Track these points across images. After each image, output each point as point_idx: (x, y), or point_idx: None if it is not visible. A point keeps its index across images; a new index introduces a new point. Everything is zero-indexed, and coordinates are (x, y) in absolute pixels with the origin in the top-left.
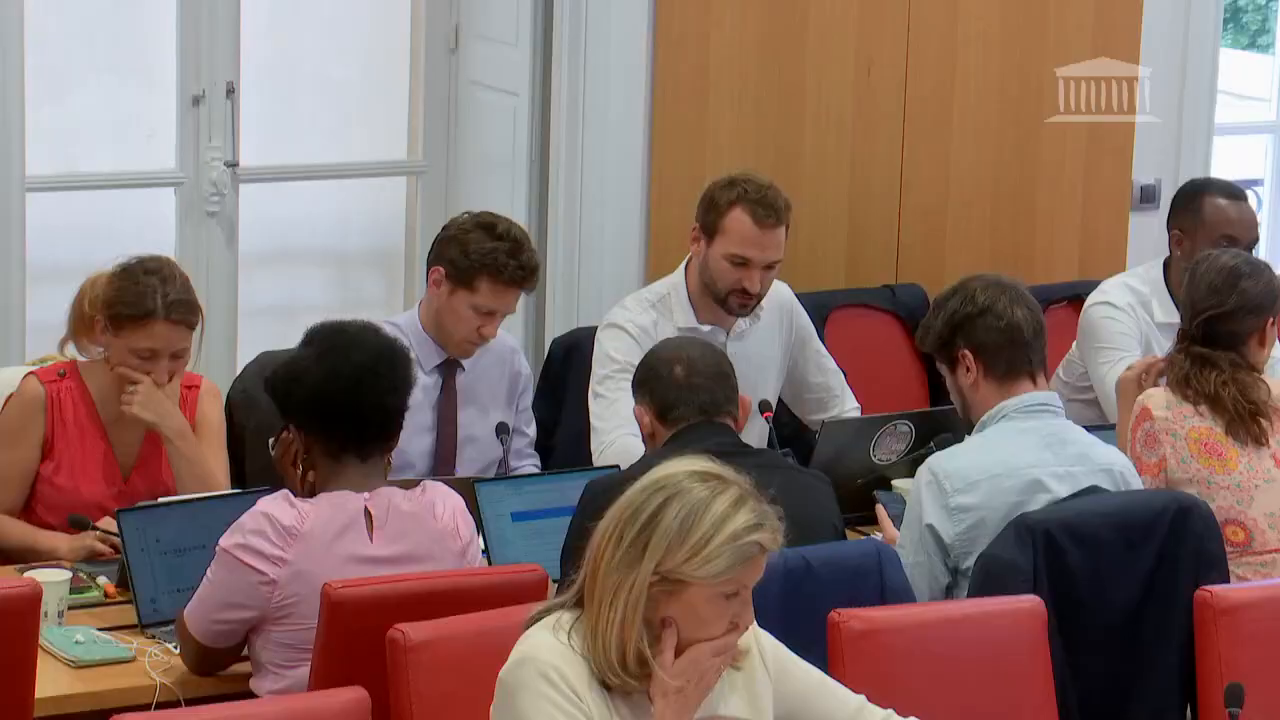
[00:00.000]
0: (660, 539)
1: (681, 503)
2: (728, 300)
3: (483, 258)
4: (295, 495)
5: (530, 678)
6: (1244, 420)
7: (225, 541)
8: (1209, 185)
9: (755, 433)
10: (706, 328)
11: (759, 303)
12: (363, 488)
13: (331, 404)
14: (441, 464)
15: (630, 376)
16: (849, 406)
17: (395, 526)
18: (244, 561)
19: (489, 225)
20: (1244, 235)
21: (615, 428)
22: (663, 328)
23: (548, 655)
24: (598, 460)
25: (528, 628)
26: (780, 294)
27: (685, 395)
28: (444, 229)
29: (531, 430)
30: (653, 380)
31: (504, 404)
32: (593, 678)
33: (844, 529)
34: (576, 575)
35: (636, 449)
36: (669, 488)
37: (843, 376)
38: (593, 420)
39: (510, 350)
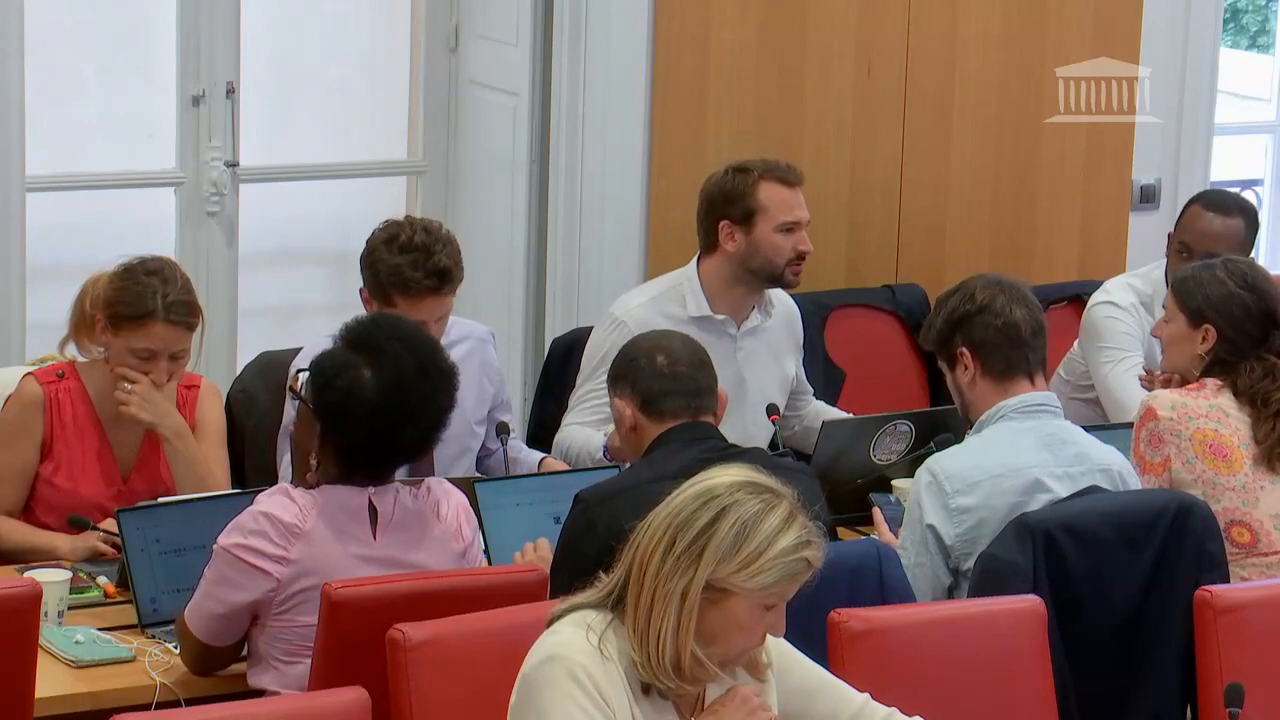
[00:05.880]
0: (715, 549)
1: (736, 515)
2: (785, 274)
3: (390, 275)
4: (296, 480)
5: (557, 676)
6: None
7: (225, 540)
8: (1204, 195)
9: (758, 432)
10: (720, 317)
11: None
12: (367, 485)
13: (375, 437)
14: (418, 465)
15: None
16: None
17: (398, 524)
18: (245, 561)
19: (392, 238)
20: (1200, 248)
21: (571, 422)
22: (665, 320)
23: (578, 655)
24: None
25: (550, 624)
26: (788, 303)
27: (670, 384)
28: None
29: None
30: (633, 371)
31: (477, 396)
32: (624, 683)
33: (829, 522)
34: (570, 590)
35: (576, 438)
36: (723, 498)
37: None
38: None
39: (480, 341)
